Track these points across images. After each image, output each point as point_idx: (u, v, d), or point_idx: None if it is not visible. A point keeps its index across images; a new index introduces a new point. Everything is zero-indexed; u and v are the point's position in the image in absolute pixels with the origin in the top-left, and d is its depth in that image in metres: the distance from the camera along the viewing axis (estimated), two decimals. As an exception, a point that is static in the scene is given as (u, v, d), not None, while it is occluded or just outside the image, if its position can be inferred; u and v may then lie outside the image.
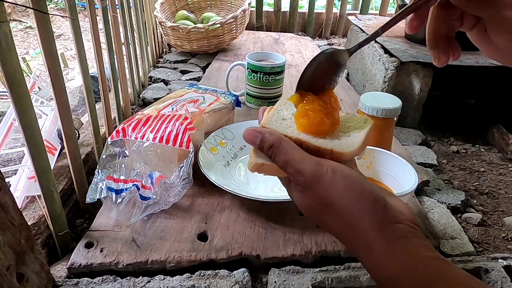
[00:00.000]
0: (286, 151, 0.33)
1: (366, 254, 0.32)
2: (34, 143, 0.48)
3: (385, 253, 0.30)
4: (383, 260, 0.30)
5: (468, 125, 1.06)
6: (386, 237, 0.30)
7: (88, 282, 0.50)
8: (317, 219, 0.35)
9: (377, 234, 0.30)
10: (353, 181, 0.32)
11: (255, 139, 0.35)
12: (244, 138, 0.36)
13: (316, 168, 0.32)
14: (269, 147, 0.34)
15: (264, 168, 0.36)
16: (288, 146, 0.34)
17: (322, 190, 0.32)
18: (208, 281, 0.50)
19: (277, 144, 0.34)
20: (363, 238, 0.31)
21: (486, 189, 0.79)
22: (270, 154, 0.34)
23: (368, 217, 0.31)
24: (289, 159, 0.33)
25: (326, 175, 0.32)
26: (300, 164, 0.33)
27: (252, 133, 0.35)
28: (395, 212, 0.32)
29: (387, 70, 0.98)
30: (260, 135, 0.35)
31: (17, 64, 0.44)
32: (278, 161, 0.34)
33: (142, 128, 0.64)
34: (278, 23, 1.94)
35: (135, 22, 1.11)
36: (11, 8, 2.70)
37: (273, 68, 0.95)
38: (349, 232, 0.32)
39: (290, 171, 0.33)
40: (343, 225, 0.32)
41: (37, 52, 2.25)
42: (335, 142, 0.35)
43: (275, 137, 0.34)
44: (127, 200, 0.60)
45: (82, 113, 1.03)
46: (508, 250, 0.63)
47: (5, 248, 0.40)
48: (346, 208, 0.31)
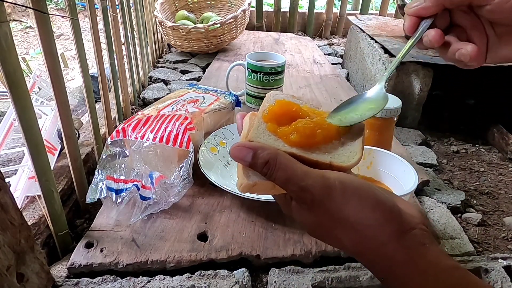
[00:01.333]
0: (285, 167, 0.30)
1: (385, 266, 0.30)
2: (34, 143, 0.48)
3: (405, 264, 0.29)
4: (403, 270, 0.29)
5: (468, 125, 1.06)
6: (405, 246, 0.29)
7: (88, 282, 0.50)
8: (328, 237, 0.33)
9: (396, 245, 0.29)
10: (366, 191, 0.30)
11: (245, 157, 0.31)
12: (232, 156, 0.31)
13: (324, 182, 0.29)
14: (263, 164, 0.30)
15: (257, 188, 0.32)
16: (286, 161, 0.30)
17: (333, 205, 0.30)
18: (208, 281, 0.50)
19: (273, 160, 0.30)
20: (382, 250, 0.29)
21: (486, 189, 0.79)
22: (266, 171, 0.30)
23: (387, 228, 0.29)
24: (290, 176, 0.30)
25: (336, 189, 0.29)
26: (304, 180, 0.29)
27: (241, 150, 0.31)
28: (409, 217, 0.30)
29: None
30: (251, 151, 0.31)
31: (17, 64, 0.44)
32: (276, 178, 0.30)
33: (142, 128, 0.64)
34: (278, 23, 1.94)
35: (135, 22, 1.11)
36: (11, 8, 2.70)
37: (273, 68, 0.95)
38: (365, 246, 0.30)
39: (293, 189, 0.30)
40: (359, 240, 0.30)
41: (37, 52, 2.24)
42: (332, 154, 0.33)
43: (270, 152, 0.30)
44: (127, 200, 0.60)
45: (82, 113, 1.03)
46: (508, 250, 0.63)
47: (5, 248, 0.40)
48: (362, 221, 0.29)
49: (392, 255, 0.29)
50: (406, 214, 0.31)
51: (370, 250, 0.30)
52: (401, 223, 0.30)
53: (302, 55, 1.49)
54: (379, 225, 0.29)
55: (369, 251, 0.30)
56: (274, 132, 0.34)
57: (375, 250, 0.30)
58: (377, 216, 0.29)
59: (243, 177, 0.32)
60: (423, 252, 0.29)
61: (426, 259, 0.29)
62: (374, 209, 0.29)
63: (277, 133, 0.34)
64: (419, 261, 0.29)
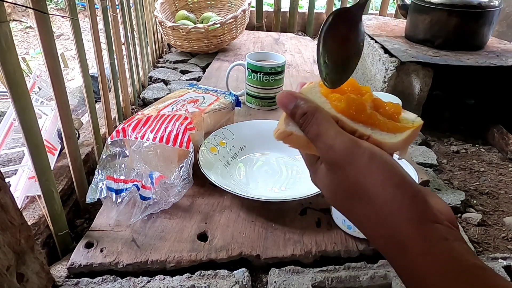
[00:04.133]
0: (320, 123, 0.30)
1: (399, 253, 0.28)
2: (34, 143, 0.48)
3: (423, 255, 0.26)
4: (419, 262, 0.26)
5: (468, 125, 1.06)
6: (424, 236, 0.26)
7: (88, 282, 0.50)
8: (343, 206, 0.31)
9: (413, 231, 0.27)
10: (393, 168, 0.28)
11: (288, 103, 0.31)
12: (277, 101, 0.32)
13: (352, 146, 0.28)
14: (302, 114, 0.30)
15: (292, 138, 0.32)
16: (323, 117, 0.30)
17: (354, 172, 0.28)
18: (208, 281, 0.50)
19: (311, 113, 0.30)
20: (396, 233, 0.27)
21: (486, 189, 0.79)
22: (302, 122, 0.30)
23: (406, 210, 0.27)
24: (322, 132, 0.29)
25: (363, 157, 0.28)
26: (333, 139, 0.29)
27: (287, 96, 0.31)
28: (435, 210, 0.28)
29: (387, 70, 0.98)
30: (295, 99, 0.31)
31: (17, 64, 0.44)
32: (309, 131, 0.30)
33: (142, 128, 0.64)
34: (278, 23, 1.94)
35: (135, 22, 1.11)
36: (11, 8, 2.70)
37: (273, 68, 0.95)
38: (379, 225, 0.28)
39: (321, 146, 0.29)
40: (374, 216, 0.28)
41: (37, 52, 2.25)
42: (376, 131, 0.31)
43: (311, 105, 0.31)
44: (127, 200, 0.60)
45: (82, 113, 1.03)
46: (508, 250, 0.63)
47: (5, 248, 0.40)
48: (381, 196, 0.27)
49: (406, 241, 0.27)
50: (433, 207, 0.28)
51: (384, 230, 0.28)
52: (424, 211, 0.27)
53: (302, 55, 1.49)
54: (398, 205, 0.27)
55: (383, 231, 0.28)
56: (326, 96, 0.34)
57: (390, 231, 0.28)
58: (398, 195, 0.27)
59: (282, 124, 0.32)
60: (445, 247, 0.26)
61: (448, 255, 0.26)
62: (397, 188, 0.27)
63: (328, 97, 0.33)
64: (439, 255, 0.26)
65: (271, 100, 1.00)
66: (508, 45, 1.14)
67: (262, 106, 1.00)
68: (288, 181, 0.70)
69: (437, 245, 0.26)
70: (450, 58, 0.97)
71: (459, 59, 0.97)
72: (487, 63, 0.95)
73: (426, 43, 1.09)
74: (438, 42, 1.06)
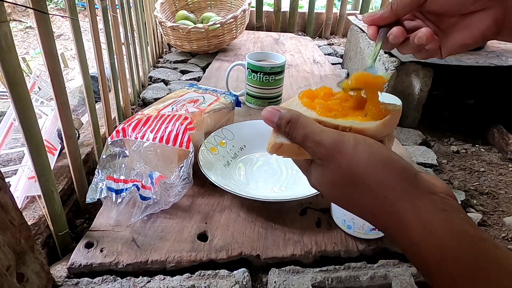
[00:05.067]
0: (305, 125, 0.32)
1: (400, 231, 0.28)
2: (34, 143, 0.48)
3: (421, 229, 0.27)
4: (420, 236, 0.27)
5: (468, 125, 1.06)
6: (421, 209, 0.27)
7: (88, 282, 0.50)
8: (342, 198, 0.32)
9: (410, 206, 0.27)
10: (378, 149, 0.30)
11: (273, 117, 0.33)
12: (263, 118, 0.34)
13: (337, 137, 0.31)
14: (286, 122, 0.33)
15: (284, 149, 0.34)
16: (306, 121, 0.32)
17: (344, 160, 0.30)
18: (208, 281, 0.50)
19: (295, 119, 0.32)
20: (395, 210, 0.28)
21: (486, 189, 0.79)
22: (288, 130, 0.33)
23: (398, 185, 0.28)
24: (308, 132, 0.32)
25: (348, 143, 0.30)
26: (320, 135, 0.31)
27: (270, 111, 0.34)
28: (428, 183, 0.29)
29: (387, 70, 0.98)
30: (278, 112, 0.33)
31: (17, 64, 0.44)
32: (296, 136, 0.32)
33: (142, 128, 0.64)
34: (278, 23, 1.94)
35: (135, 22, 1.11)
36: (11, 8, 2.70)
37: (273, 68, 0.95)
38: (378, 206, 0.29)
39: (310, 145, 0.31)
40: (371, 198, 0.29)
41: (37, 52, 2.25)
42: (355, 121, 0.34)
43: (293, 113, 0.33)
44: (127, 200, 0.60)
45: (82, 113, 1.03)
46: (508, 250, 0.63)
47: (5, 248, 0.40)
48: (373, 177, 0.29)
49: (404, 218, 0.27)
50: (425, 179, 0.29)
51: (383, 211, 0.29)
52: (416, 184, 0.28)
53: (302, 55, 1.49)
54: (390, 181, 0.28)
55: (382, 212, 0.29)
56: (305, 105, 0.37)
57: (388, 211, 0.28)
58: (388, 172, 0.29)
59: (272, 138, 0.35)
60: (443, 218, 0.27)
61: (446, 226, 0.26)
62: (385, 165, 0.29)
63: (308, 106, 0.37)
64: (438, 228, 0.26)
65: (271, 100, 1.00)
66: (508, 45, 1.14)
67: (262, 106, 1.00)
68: (288, 181, 0.70)
69: (435, 217, 0.27)
70: (450, 58, 0.97)
71: (459, 59, 0.97)
72: (487, 63, 0.95)
73: (426, 43, 1.09)
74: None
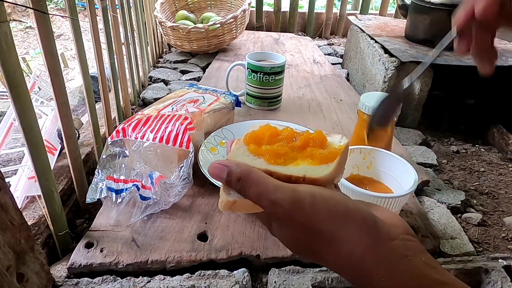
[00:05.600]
0: (257, 182, 0.30)
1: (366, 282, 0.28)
2: (34, 143, 0.48)
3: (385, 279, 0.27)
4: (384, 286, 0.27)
5: (468, 125, 1.06)
6: (384, 261, 0.27)
7: (88, 282, 0.50)
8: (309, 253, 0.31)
9: (374, 259, 0.27)
10: (336, 202, 0.29)
11: (221, 173, 0.31)
12: (210, 174, 0.32)
13: (293, 195, 0.29)
14: (237, 180, 0.30)
15: (237, 205, 0.32)
16: (258, 176, 0.30)
17: (304, 218, 0.29)
18: (208, 281, 0.50)
19: (245, 176, 0.30)
20: (359, 265, 0.28)
21: (486, 189, 0.79)
22: (240, 188, 0.30)
23: (360, 239, 0.28)
24: (261, 190, 0.29)
25: (305, 201, 0.29)
26: (275, 193, 0.29)
27: (217, 167, 0.31)
28: (388, 227, 0.29)
29: (387, 70, 0.98)
30: (226, 168, 0.31)
31: (17, 64, 0.44)
32: (249, 194, 0.30)
33: (142, 128, 0.64)
34: (278, 23, 1.94)
35: (135, 22, 1.11)
36: (11, 8, 2.70)
37: (273, 68, 0.95)
38: (343, 260, 0.29)
39: (265, 204, 0.29)
40: (336, 254, 0.29)
41: (37, 52, 2.24)
42: (308, 168, 0.32)
43: (243, 168, 0.31)
44: (127, 200, 0.60)
45: (82, 113, 1.03)
46: (508, 250, 0.63)
47: (5, 248, 0.40)
48: (334, 233, 0.28)
49: (371, 271, 0.27)
50: (385, 224, 0.29)
51: (349, 266, 0.29)
52: (378, 234, 0.28)
53: (302, 55, 1.49)
54: (352, 237, 0.28)
55: (348, 267, 0.29)
56: (253, 152, 0.35)
57: (354, 266, 0.28)
58: (349, 227, 0.28)
59: (223, 195, 0.32)
60: (405, 266, 0.27)
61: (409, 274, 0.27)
62: (345, 220, 0.28)
63: (256, 153, 0.35)
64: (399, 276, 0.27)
65: (271, 100, 1.00)
66: (508, 45, 1.14)
67: (262, 106, 1.00)
68: (288, 181, 0.69)
69: (398, 266, 0.27)
70: (450, 58, 0.97)
71: (459, 59, 0.97)
72: (487, 63, 0.95)
73: (426, 43, 1.09)
74: (438, 42, 1.06)
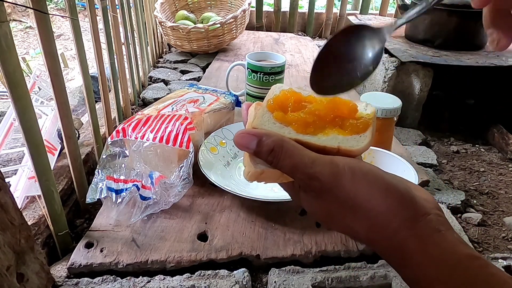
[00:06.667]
0: (292, 154, 0.29)
1: (397, 255, 0.28)
2: (34, 143, 0.48)
3: (419, 252, 0.27)
4: (416, 259, 0.27)
5: (468, 125, 1.06)
6: (419, 234, 0.27)
7: (88, 282, 0.50)
8: (339, 225, 0.31)
9: (409, 232, 0.27)
10: (375, 176, 0.29)
11: (249, 144, 0.30)
12: (236, 144, 0.30)
13: (332, 169, 0.28)
14: (268, 151, 0.29)
15: (265, 175, 0.31)
16: (292, 148, 0.29)
17: (342, 193, 0.28)
18: (208, 281, 0.50)
19: (278, 148, 0.29)
20: (394, 238, 0.28)
21: (486, 189, 0.79)
22: (271, 159, 0.29)
23: (399, 214, 0.28)
24: (297, 163, 0.28)
25: (345, 175, 0.28)
26: (312, 167, 0.28)
27: (245, 137, 0.30)
28: (423, 202, 0.29)
29: (387, 70, 0.98)
30: (256, 138, 0.29)
31: (17, 64, 0.44)
32: (283, 166, 0.29)
33: (142, 128, 0.64)
34: (278, 23, 1.94)
35: (135, 22, 1.11)
36: (11, 8, 2.70)
37: (273, 68, 0.95)
38: (378, 234, 0.29)
39: (300, 177, 0.29)
40: (371, 228, 0.29)
41: (37, 52, 2.24)
42: (339, 138, 0.31)
43: (275, 139, 0.29)
44: (127, 200, 0.60)
45: (82, 113, 1.03)
46: (508, 250, 0.63)
47: (5, 248, 0.40)
48: (373, 208, 0.28)
49: (405, 244, 0.27)
50: (420, 199, 0.29)
51: (383, 238, 0.29)
52: (415, 209, 0.28)
53: (302, 55, 1.49)
54: (391, 211, 0.28)
55: (382, 239, 0.29)
56: (279, 120, 0.33)
57: (388, 239, 0.28)
58: (389, 202, 0.28)
59: (250, 165, 0.31)
60: (439, 240, 0.27)
61: (442, 247, 0.27)
62: (385, 195, 0.28)
63: (282, 121, 0.32)
64: (433, 249, 0.27)
65: (271, 100, 1.00)
66: (508, 45, 1.14)
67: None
68: (288, 181, 0.69)
69: (431, 239, 0.27)
70: (450, 58, 0.97)
71: (459, 59, 0.97)
72: (487, 63, 0.95)
73: (426, 43, 1.09)
74: (438, 42, 1.06)
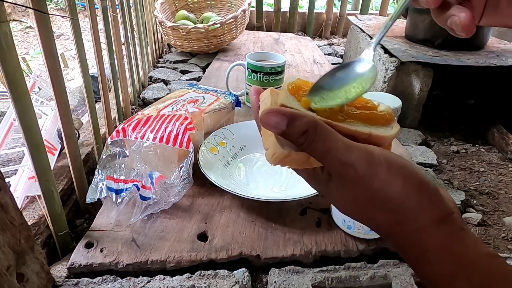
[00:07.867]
0: (325, 138, 0.27)
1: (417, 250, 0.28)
2: (34, 143, 0.48)
3: (442, 249, 0.27)
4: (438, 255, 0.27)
5: (468, 125, 1.06)
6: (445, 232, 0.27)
7: (88, 282, 0.50)
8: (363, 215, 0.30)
9: (435, 230, 0.27)
10: (410, 171, 0.28)
11: (278, 124, 0.27)
12: (263, 123, 0.28)
13: (368, 158, 0.27)
14: (301, 133, 0.27)
15: (290, 159, 0.28)
16: (326, 131, 0.27)
17: (376, 183, 0.27)
18: (208, 281, 0.50)
19: (312, 130, 0.27)
20: (418, 234, 0.28)
21: (486, 189, 0.79)
22: (302, 141, 0.27)
23: (428, 211, 0.27)
24: (330, 148, 0.27)
25: (381, 166, 0.27)
26: (346, 154, 0.27)
27: (275, 115, 0.27)
28: (447, 201, 0.29)
29: (387, 70, 0.98)
30: (286, 118, 0.27)
31: (17, 64, 0.44)
32: (314, 149, 0.27)
33: (142, 128, 0.64)
34: (278, 23, 1.94)
35: (135, 22, 1.11)
36: (11, 8, 2.70)
37: (273, 68, 0.95)
38: (401, 228, 0.28)
39: (332, 163, 0.27)
40: (396, 221, 0.28)
41: (37, 52, 2.24)
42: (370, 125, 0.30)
43: (309, 120, 0.27)
44: (127, 200, 0.60)
45: (82, 113, 1.03)
46: (508, 250, 0.63)
47: (5, 248, 0.40)
48: (405, 202, 0.27)
49: (427, 240, 0.27)
50: (447, 199, 0.29)
51: (405, 233, 0.28)
52: (443, 207, 0.28)
53: (302, 55, 1.49)
54: (420, 208, 0.27)
55: (404, 234, 0.28)
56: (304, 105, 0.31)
57: (411, 234, 0.28)
58: (421, 198, 0.27)
59: (276, 146, 0.28)
60: (461, 238, 0.27)
61: (465, 245, 0.27)
62: (419, 191, 0.27)
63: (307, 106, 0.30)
64: (455, 246, 0.27)
65: (271, 100, 1.00)
66: (508, 45, 1.14)
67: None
68: (288, 181, 0.70)
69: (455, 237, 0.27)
70: (450, 58, 0.97)
71: (459, 59, 0.97)
72: (487, 63, 0.95)
73: (426, 43, 1.09)
74: (438, 42, 1.06)
